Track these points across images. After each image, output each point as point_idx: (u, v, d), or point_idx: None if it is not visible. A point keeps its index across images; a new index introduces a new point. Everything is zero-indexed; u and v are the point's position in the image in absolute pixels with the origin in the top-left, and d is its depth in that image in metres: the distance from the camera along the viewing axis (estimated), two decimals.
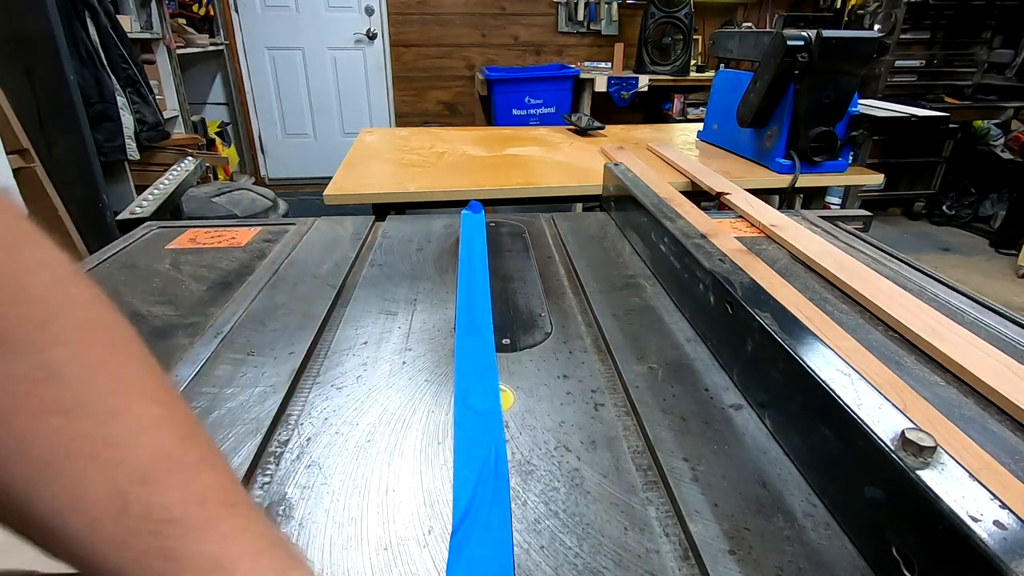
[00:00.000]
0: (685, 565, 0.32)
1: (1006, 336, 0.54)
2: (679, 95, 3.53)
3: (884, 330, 0.55)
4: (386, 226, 0.82)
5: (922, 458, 0.28)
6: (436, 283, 0.65)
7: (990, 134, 3.28)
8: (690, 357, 0.51)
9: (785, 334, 0.40)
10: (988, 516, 0.25)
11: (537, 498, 0.36)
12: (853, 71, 1.15)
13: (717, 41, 1.46)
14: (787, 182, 1.20)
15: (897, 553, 0.29)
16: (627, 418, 0.43)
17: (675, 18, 3.29)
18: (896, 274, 0.68)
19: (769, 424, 0.41)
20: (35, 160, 1.76)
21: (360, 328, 0.55)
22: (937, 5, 3.07)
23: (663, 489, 0.37)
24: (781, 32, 1.10)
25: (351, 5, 3.57)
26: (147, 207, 0.88)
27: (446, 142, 1.52)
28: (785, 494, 0.36)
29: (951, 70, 3.27)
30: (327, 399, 0.45)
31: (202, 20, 3.23)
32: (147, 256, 0.72)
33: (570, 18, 3.71)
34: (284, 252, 0.73)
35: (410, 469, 0.38)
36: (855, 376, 0.35)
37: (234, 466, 0.37)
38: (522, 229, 0.82)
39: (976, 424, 0.42)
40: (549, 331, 0.55)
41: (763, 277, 0.59)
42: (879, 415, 0.31)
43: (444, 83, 3.82)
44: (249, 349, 0.51)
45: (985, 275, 2.82)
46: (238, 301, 0.60)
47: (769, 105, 1.22)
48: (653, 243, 0.67)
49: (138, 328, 0.57)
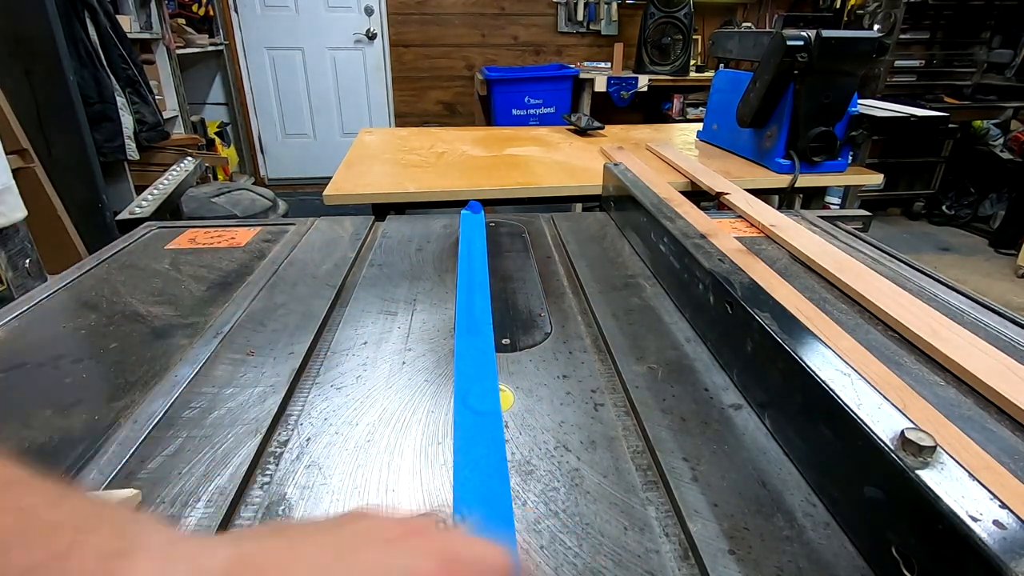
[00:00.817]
0: (685, 565, 0.32)
1: (1005, 336, 0.54)
2: (679, 95, 3.53)
3: (883, 330, 0.55)
4: (385, 226, 0.82)
5: (922, 458, 0.28)
6: (436, 283, 0.65)
7: (989, 134, 3.28)
8: (690, 357, 0.51)
9: (785, 334, 0.40)
10: (988, 516, 0.25)
11: (537, 498, 0.36)
12: (852, 71, 1.15)
13: (717, 41, 1.46)
14: (786, 182, 1.20)
15: (897, 553, 0.29)
16: (627, 418, 0.43)
17: (675, 18, 3.29)
18: (895, 274, 0.68)
19: (769, 424, 0.41)
20: (35, 160, 1.76)
21: (360, 328, 0.55)
22: (936, 5, 3.07)
23: (663, 489, 0.37)
24: (780, 32, 1.10)
25: (351, 5, 3.57)
26: (147, 207, 0.88)
27: (446, 142, 1.52)
28: (785, 494, 0.36)
29: (950, 70, 3.28)
30: (327, 399, 0.45)
31: (202, 20, 3.23)
32: (147, 256, 0.72)
33: (570, 18, 3.71)
34: (284, 252, 0.73)
35: (410, 469, 0.38)
36: (855, 376, 0.35)
37: (234, 466, 0.37)
38: (522, 229, 0.82)
39: (975, 424, 0.42)
40: (549, 331, 0.55)
41: (762, 277, 0.59)
42: (879, 415, 0.31)
43: (444, 83, 3.82)
44: (249, 349, 0.51)
45: (984, 275, 2.82)
46: (238, 301, 0.60)
47: (768, 105, 1.22)
48: (653, 243, 0.67)
49: (137, 328, 0.57)
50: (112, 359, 0.50)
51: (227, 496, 0.35)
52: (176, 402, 0.44)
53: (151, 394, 0.45)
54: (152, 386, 0.46)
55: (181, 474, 0.37)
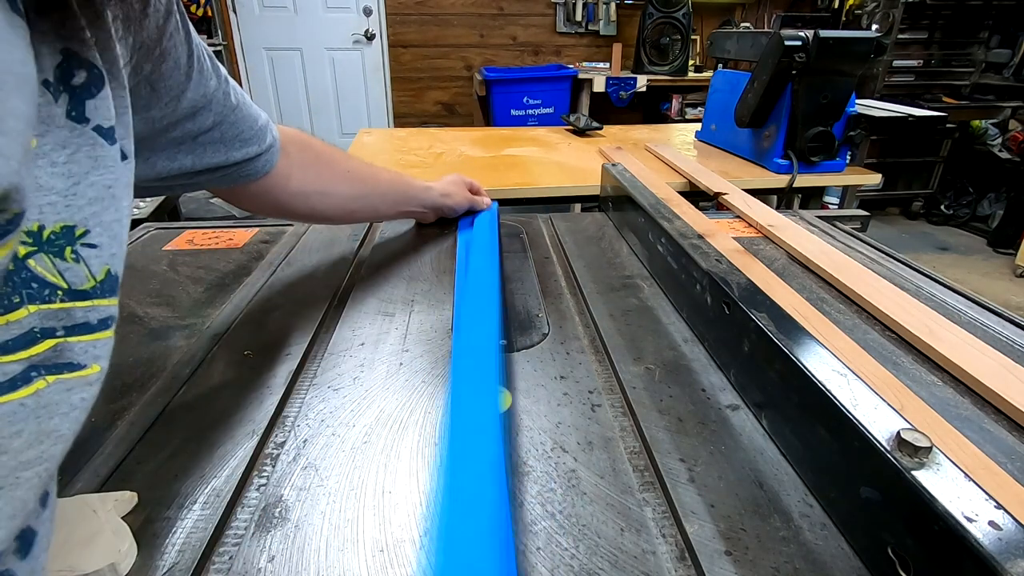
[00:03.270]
0: (681, 566, 0.32)
1: (1003, 336, 0.54)
2: (677, 95, 3.53)
3: (881, 330, 0.55)
4: (384, 226, 0.82)
5: (918, 458, 0.28)
6: (433, 284, 0.65)
7: (988, 134, 3.29)
8: (687, 357, 0.51)
9: (782, 334, 0.40)
10: (983, 516, 0.25)
11: (533, 499, 0.36)
12: (851, 71, 1.15)
13: (715, 41, 1.46)
14: (785, 182, 1.20)
15: (893, 553, 0.29)
16: (624, 419, 0.43)
17: (673, 18, 3.30)
18: (894, 274, 0.68)
19: (766, 424, 0.41)
20: None
21: (357, 329, 0.55)
22: (935, 5, 3.08)
23: (660, 490, 0.37)
24: (779, 32, 1.10)
25: (349, 6, 3.57)
26: (145, 208, 0.88)
27: (444, 143, 1.52)
28: (781, 494, 0.36)
29: (949, 70, 3.28)
30: (324, 401, 0.45)
31: (200, 21, 3.23)
32: (144, 257, 0.72)
33: (568, 18, 3.71)
34: (281, 253, 0.73)
35: (407, 471, 0.38)
36: (851, 376, 0.35)
37: (230, 468, 0.37)
38: (520, 230, 0.82)
39: (973, 424, 0.42)
40: (546, 332, 0.55)
41: (760, 277, 0.59)
42: (875, 415, 0.31)
43: (442, 83, 3.83)
44: (246, 351, 0.51)
45: (983, 274, 2.82)
46: (235, 302, 0.60)
47: (767, 105, 1.22)
48: (651, 243, 0.67)
49: (135, 330, 0.56)
50: (110, 360, 0.50)
51: (223, 498, 0.35)
52: (173, 404, 0.44)
53: (148, 396, 0.45)
54: (149, 387, 0.46)
55: (177, 476, 0.37)
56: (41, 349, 0.24)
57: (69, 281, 0.25)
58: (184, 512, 0.34)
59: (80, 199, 0.25)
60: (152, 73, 0.36)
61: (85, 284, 0.26)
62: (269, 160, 0.52)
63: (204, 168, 0.45)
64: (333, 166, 0.63)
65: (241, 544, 0.32)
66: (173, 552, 0.31)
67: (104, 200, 0.26)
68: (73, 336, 0.25)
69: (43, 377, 0.24)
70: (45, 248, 0.24)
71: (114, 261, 0.27)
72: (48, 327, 0.24)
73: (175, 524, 0.33)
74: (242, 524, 0.34)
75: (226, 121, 0.45)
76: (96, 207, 0.26)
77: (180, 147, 0.42)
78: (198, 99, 0.41)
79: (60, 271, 0.24)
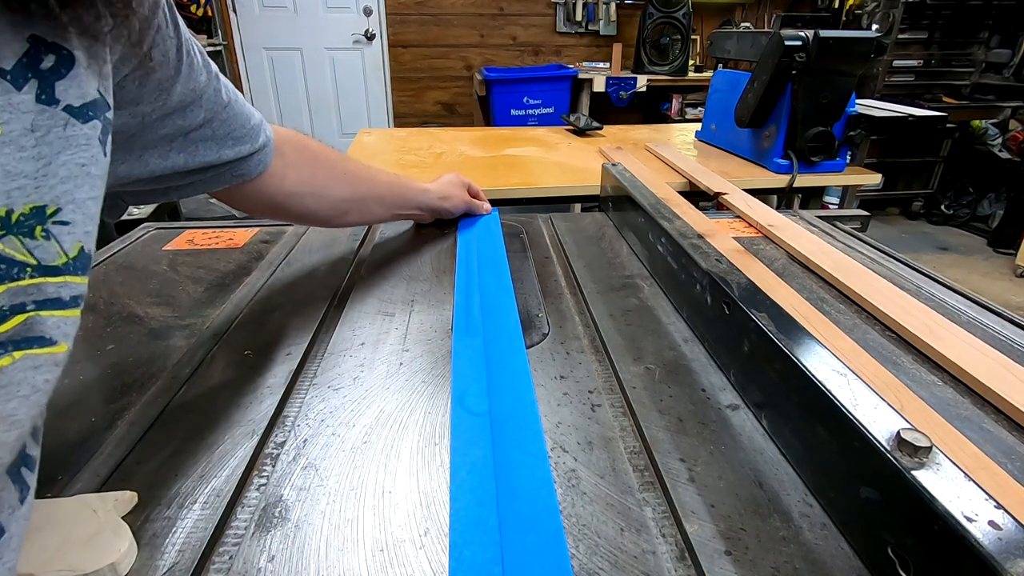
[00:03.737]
0: (681, 566, 0.32)
1: (1003, 336, 0.54)
2: (677, 95, 3.53)
3: (881, 330, 0.55)
4: (384, 226, 0.82)
5: (917, 458, 0.28)
6: (433, 284, 0.65)
7: (988, 134, 3.29)
8: (687, 357, 0.51)
9: (782, 334, 0.40)
10: (983, 516, 0.25)
11: None
12: (851, 71, 1.15)
13: (715, 41, 1.46)
14: (785, 182, 1.20)
15: (893, 554, 0.29)
16: (624, 418, 0.43)
17: (673, 18, 3.30)
18: (894, 274, 0.68)
19: (766, 424, 0.41)
20: None
21: (357, 329, 0.55)
22: (935, 5, 3.08)
23: (659, 490, 0.37)
24: (779, 32, 1.10)
25: (349, 6, 3.57)
26: (145, 208, 0.88)
27: (444, 143, 1.52)
28: (781, 494, 0.36)
29: (949, 70, 3.28)
30: (324, 400, 0.45)
31: (200, 21, 3.23)
32: (144, 257, 0.72)
33: (568, 18, 3.71)
34: (281, 253, 0.73)
35: (407, 470, 0.38)
36: (851, 376, 0.35)
37: (230, 468, 0.37)
38: (520, 229, 0.82)
39: (972, 424, 0.42)
40: (546, 332, 0.55)
41: (760, 277, 0.59)
42: (875, 415, 0.31)
43: (442, 83, 3.83)
44: (246, 350, 0.51)
45: (983, 274, 2.82)
46: (235, 302, 0.60)
47: (767, 105, 1.22)
48: (651, 243, 0.67)
49: (135, 330, 0.56)
50: (109, 360, 0.50)
51: (223, 498, 0.35)
52: (173, 404, 0.44)
53: (148, 396, 0.45)
54: (149, 387, 0.46)
55: (177, 476, 0.37)
56: (11, 325, 0.24)
57: (39, 257, 0.25)
58: (184, 512, 0.34)
59: (52, 178, 0.25)
60: (139, 66, 0.36)
61: (56, 260, 0.26)
62: (262, 160, 0.52)
63: (197, 167, 0.45)
64: (329, 167, 0.62)
65: (241, 544, 0.32)
66: (173, 552, 0.31)
67: (78, 178, 0.27)
68: (45, 311, 0.25)
69: (10, 353, 0.24)
70: (14, 231, 0.24)
71: (87, 239, 0.27)
72: (18, 303, 0.24)
73: (175, 524, 0.33)
74: (242, 524, 0.34)
75: (217, 118, 0.45)
76: (68, 185, 0.26)
77: (172, 144, 0.42)
78: (188, 93, 0.41)
79: (29, 249, 0.24)
